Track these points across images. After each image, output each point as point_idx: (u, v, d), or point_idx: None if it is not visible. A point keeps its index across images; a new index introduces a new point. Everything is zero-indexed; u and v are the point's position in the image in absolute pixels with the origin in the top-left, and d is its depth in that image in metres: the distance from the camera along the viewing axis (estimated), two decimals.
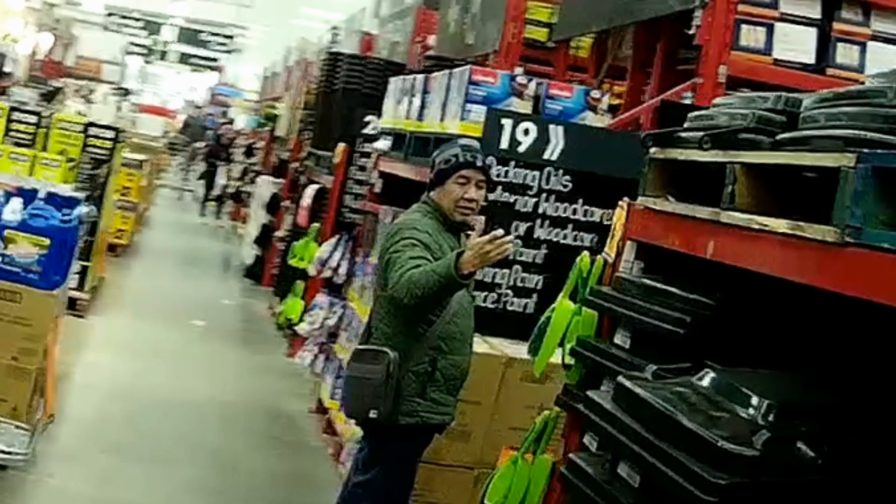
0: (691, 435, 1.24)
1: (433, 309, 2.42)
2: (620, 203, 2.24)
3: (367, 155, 5.06)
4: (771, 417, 1.22)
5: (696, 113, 1.86)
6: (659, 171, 2.11)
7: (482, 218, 2.61)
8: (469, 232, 2.76)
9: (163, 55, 21.76)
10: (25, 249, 2.80)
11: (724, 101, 1.99)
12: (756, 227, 1.45)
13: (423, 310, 2.41)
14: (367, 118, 5.21)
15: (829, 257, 1.17)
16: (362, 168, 5.49)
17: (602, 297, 2.10)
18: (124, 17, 21.02)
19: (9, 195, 3.32)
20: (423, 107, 4.42)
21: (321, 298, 5.17)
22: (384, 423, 2.39)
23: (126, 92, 17.26)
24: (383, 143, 4.51)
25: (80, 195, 4.04)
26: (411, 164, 4.08)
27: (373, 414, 2.31)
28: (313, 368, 4.92)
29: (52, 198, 3.68)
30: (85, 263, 5.72)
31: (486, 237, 2.34)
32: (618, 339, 2.02)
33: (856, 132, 1.26)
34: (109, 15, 21.10)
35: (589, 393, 1.77)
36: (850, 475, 1.13)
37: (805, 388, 1.47)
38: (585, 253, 2.49)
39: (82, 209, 3.71)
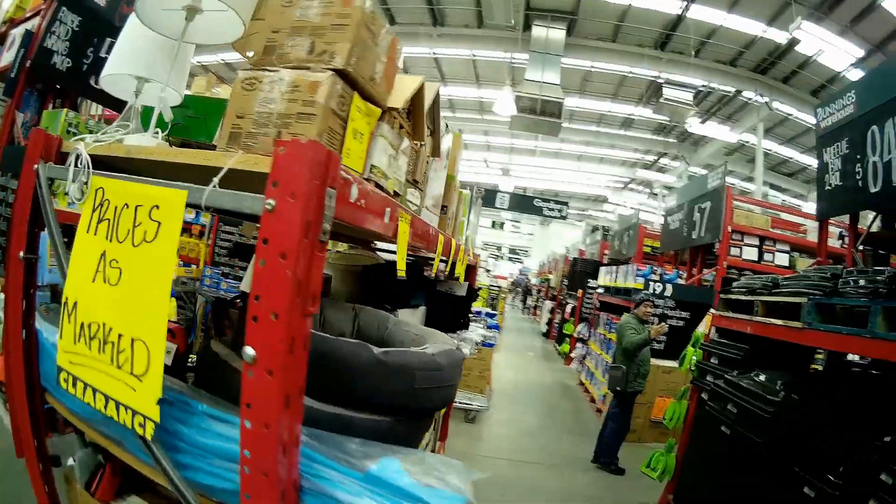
0: (752, 393, 3.51)
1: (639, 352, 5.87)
2: (709, 312, 4.81)
3: (592, 294, 11.78)
4: (780, 387, 3.42)
5: (737, 282, 4.45)
6: (724, 302, 4.49)
7: (660, 322, 6.64)
8: (652, 323, 6.33)
9: (500, 257, 42.94)
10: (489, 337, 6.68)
11: (744, 280, 4.60)
12: (767, 322, 3.65)
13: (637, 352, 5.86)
14: (590, 282, 12.51)
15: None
16: (590, 298, 12.18)
17: (705, 346, 4.68)
18: (494, 247, 45.00)
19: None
20: (615, 276, 9.55)
21: (578, 344, 12.05)
22: (623, 391, 6.12)
23: (487, 270, 30.17)
24: (601, 290, 10.85)
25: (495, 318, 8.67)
26: (612, 296, 9.65)
27: (618, 388, 6.09)
28: (578, 370, 11.25)
29: (487, 314, 7.46)
30: None
31: (660, 327, 6.28)
32: (713, 360, 4.50)
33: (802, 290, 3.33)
34: (484, 245, 41.98)
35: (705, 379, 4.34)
36: (809, 407, 3.19)
37: (794, 382, 3.49)
38: (697, 330, 5.08)
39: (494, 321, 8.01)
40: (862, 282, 3.01)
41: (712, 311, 4.87)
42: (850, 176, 4.26)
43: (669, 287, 7.61)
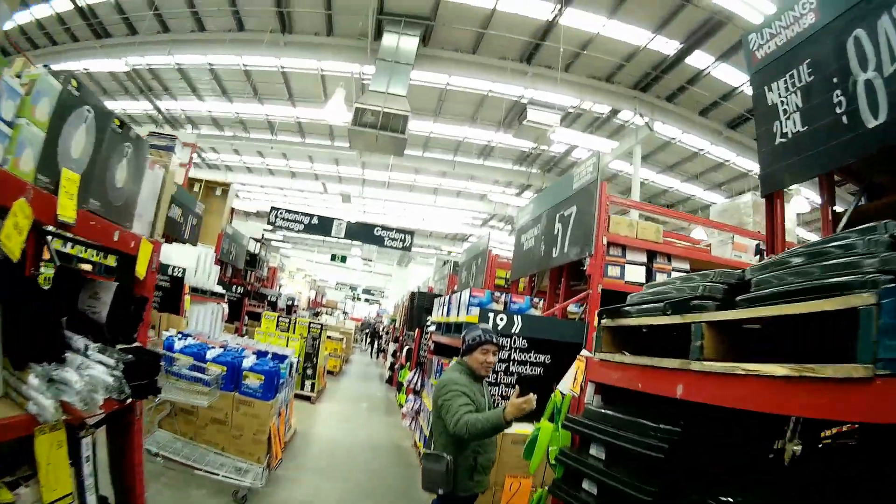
0: None
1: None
2: (580, 356, 2.93)
3: (428, 333, 9.02)
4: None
5: (632, 297, 2.54)
6: (610, 335, 2.63)
7: (519, 386, 3.46)
8: (487, 379, 3.81)
9: (356, 298, 45.60)
10: (252, 381, 5.44)
11: (648, 289, 2.54)
12: (742, 372, 1.52)
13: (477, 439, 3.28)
14: (428, 318, 9.82)
15: (854, 392, 1.25)
16: (425, 338, 9.50)
17: (577, 423, 2.59)
18: (349, 287, 45.89)
19: (254, 353, 5.99)
20: (447, 309, 6.98)
21: (410, 396, 9.18)
22: (447, 497, 3.41)
23: (345, 313, 34.68)
24: (433, 327, 8.22)
25: (290, 354, 6.73)
26: (443, 334, 6.95)
27: (440, 491, 3.38)
28: (410, 427, 8.68)
29: (274, 356, 6.27)
30: (312, 381, 10.77)
31: (524, 398, 3.10)
32: (593, 452, 2.45)
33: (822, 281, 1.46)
34: (338, 285, 45.34)
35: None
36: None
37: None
38: (558, 389, 3.15)
39: (290, 360, 6.53)
40: None
41: (584, 353, 3.06)
42: (823, 112, 2.92)
43: (518, 320, 5.31)
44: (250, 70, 14.32)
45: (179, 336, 5.87)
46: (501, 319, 5.14)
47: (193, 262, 8.26)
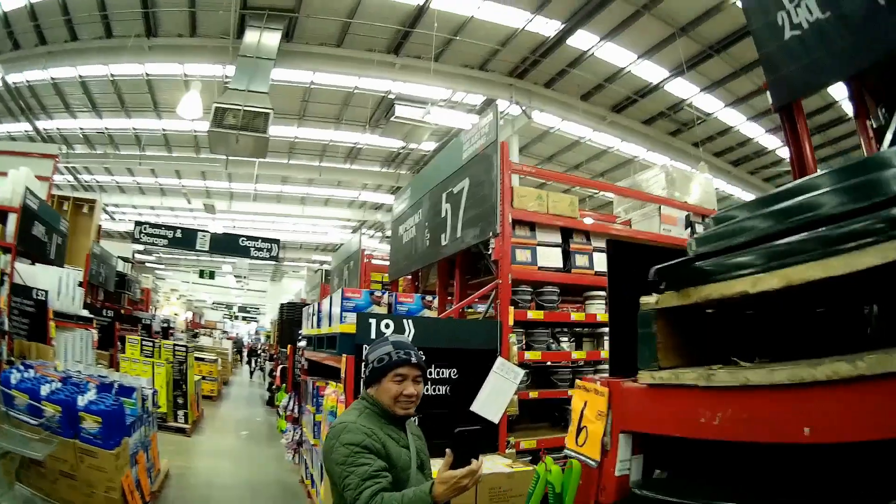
0: None
1: None
2: (587, 384, 1.73)
3: (300, 349, 7.56)
4: None
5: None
6: (672, 332, 1.45)
7: (448, 450, 2.15)
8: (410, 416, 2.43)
9: (233, 317, 45.50)
10: (90, 424, 4.20)
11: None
12: None
13: None
14: (300, 332, 8.25)
15: None
16: (298, 355, 7.97)
17: None
18: (225, 306, 46.01)
19: (96, 387, 4.75)
20: (317, 318, 5.71)
21: (290, 424, 8.00)
22: None
23: (224, 332, 34.18)
24: (304, 343, 7.05)
25: (142, 384, 5.53)
26: (319, 352, 5.45)
27: None
28: (294, 461, 7.67)
29: (120, 388, 5.00)
30: (185, 410, 9.73)
31: (464, 471, 2.01)
32: None
33: None
34: (215, 304, 44.95)
35: None
36: None
37: None
38: (548, 457, 2.07)
39: (143, 391, 5.32)
40: None
41: (595, 378, 1.76)
42: None
43: (410, 325, 4.10)
44: (118, 80, 13.39)
45: (19, 368, 4.86)
46: (387, 326, 3.97)
47: (56, 283, 7.63)
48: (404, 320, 4.02)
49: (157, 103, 14.50)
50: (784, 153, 13.71)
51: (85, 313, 8.58)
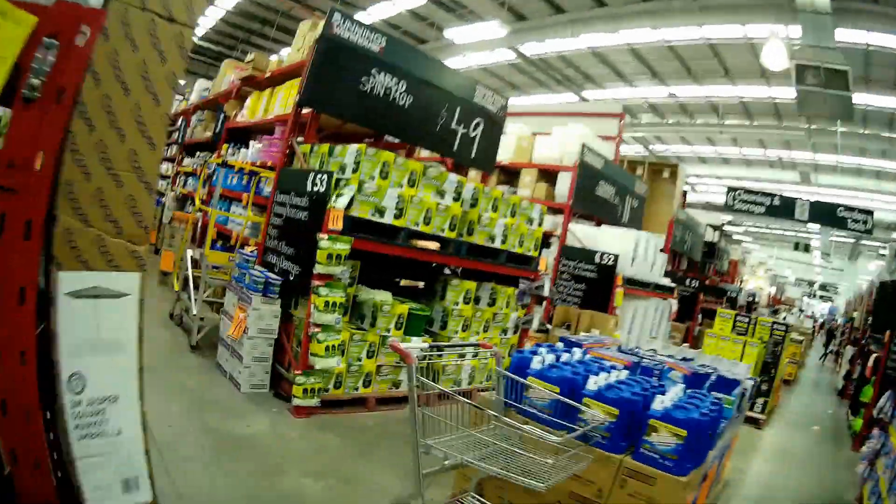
0: None
1: None
2: None
3: None
4: None
5: None
6: None
7: None
8: None
9: (812, 296, 42.06)
10: (664, 438, 2.75)
11: None
12: None
13: None
14: None
15: None
16: None
17: None
18: (807, 283, 43.22)
19: (681, 378, 3.49)
20: None
21: (876, 431, 5.77)
22: None
23: (801, 311, 32.74)
24: None
25: (744, 377, 3.83)
26: None
27: None
28: (864, 474, 5.24)
29: (718, 381, 3.57)
30: (766, 398, 7.85)
31: None
32: None
33: None
34: (798, 281, 42.88)
35: None
36: None
37: None
38: None
39: (743, 386, 3.66)
40: None
41: None
42: None
43: None
44: (674, 46, 13.79)
45: (553, 347, 3.66)
46: None
47: (630, 248, 6.92)
48: None
49: (728, 70, 14.51)
50: None
51: (666, 282, 7.59)
